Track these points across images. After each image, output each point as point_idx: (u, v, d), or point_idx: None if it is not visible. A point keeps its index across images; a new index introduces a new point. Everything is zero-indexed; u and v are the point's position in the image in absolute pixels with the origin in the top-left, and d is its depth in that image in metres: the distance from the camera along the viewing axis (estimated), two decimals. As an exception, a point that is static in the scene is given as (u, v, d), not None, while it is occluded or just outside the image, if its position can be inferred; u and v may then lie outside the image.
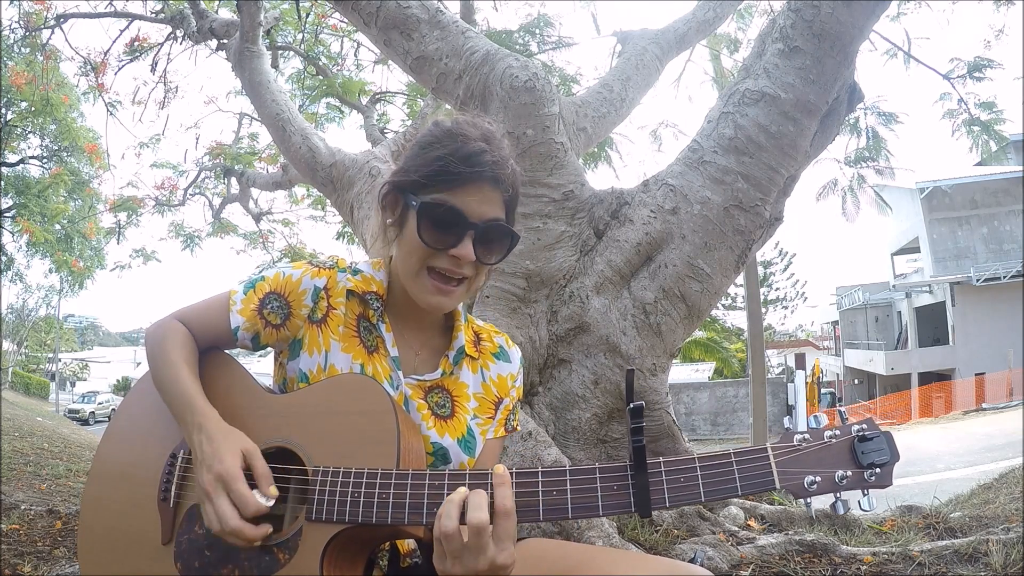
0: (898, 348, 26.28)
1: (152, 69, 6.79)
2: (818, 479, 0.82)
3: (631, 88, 3.93)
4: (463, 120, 1.06)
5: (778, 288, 35.12)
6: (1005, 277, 20.83)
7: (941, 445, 12.38)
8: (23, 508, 3.35)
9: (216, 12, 5.99)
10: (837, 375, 31.28)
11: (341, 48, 7.69)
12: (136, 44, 6.85)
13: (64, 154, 13.53)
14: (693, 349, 24.12)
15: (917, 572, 2.19)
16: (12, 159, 13.70)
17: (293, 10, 6.35)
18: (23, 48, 8.15)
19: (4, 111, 12.20)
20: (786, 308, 35.88)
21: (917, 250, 24.92)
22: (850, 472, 0.82)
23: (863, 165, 6.47)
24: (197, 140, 9.01)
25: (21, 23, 7.39)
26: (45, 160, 14.15)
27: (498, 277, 2.66)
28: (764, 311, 24.47)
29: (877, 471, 0.82)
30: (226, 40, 5.24)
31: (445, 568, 0.83)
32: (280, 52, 6.72)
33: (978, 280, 21.24)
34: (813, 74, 2.47)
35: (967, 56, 5.43)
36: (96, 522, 1.06)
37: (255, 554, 0.92)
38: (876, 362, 25.57)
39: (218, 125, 52.81)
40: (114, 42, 6.67)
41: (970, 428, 14.71)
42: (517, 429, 1.20)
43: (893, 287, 26.74)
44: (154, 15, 6.26)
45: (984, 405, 18.53)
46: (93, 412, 27.71)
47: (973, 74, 5.31)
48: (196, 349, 1.10)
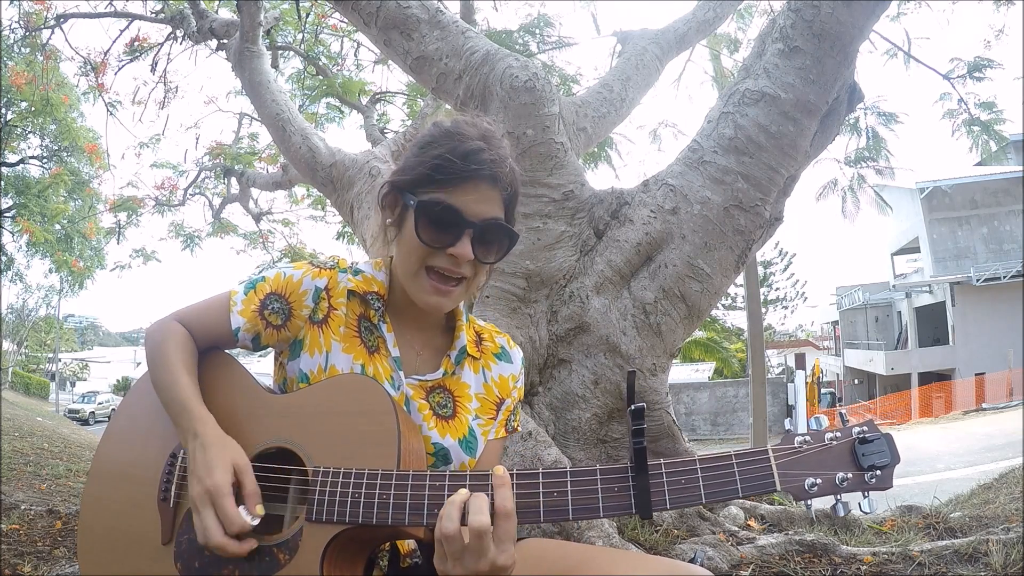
0: (898, 348, 26.28)
1: (152, 69, 6.79)
2: (819, 481, 0.82)
3: (631, 88, 3.93)
4: (462, 120, 1.06)
5: (778, 288, 35.13)
6: (1005, 277, 20.84)
7: (941, 445, 12.37)
8: (23, 508, 3.35)
9: (216, 12, 5.99)
10: (837, 375, 31.27)
11: (341, 48, 7.70)
12: (136, 44, 6.85)
13: (64, 154, 13.53)
14: (693, 349, 24.12)
15: (917, 572, 2.19)
16: (12, 159, 13.69)
17: (293, 10, 6.34)
18: (23, 48, 8.14)
19: (4, 111, 12.20)
20: (786, 308, 35.89)
21: (917, 250, 24.92)
22: (851, 474, 0.82)
23: (863, 165, 6.46)
24: (197, 140, 9.03)
25: (21, 23, 7.39)
26: (45, 160, 14.15)
27: (498, 277, 2.65)
28: (764, 311, 24.46)
29: (878, 473, 0.82)
30: (226, 40, 5.24)
31: (446, 569, 0.83)
32: (280, 52, 6.72)
33: (978, 280, 21.24)
34: (813, 74, 2.47)
35: (967, 56, 5.43)
36: (96, 522, 1.06)
37: (255, 554, 0.92)
38: (876, 362, 25.57)
39: (218, 125, 52.89)
40: (114, 42, 6.68)
41: (970, 428, 14.71)
42: (518, 430, 1.20)
43: (893, 287, 26.74)
44: (154, 15, 6.26)
45: (984, 405, 18.52)
46: (93, 412, 27.71)
47: (973, 74, 5.30)
48: (195, 351, 1.09)
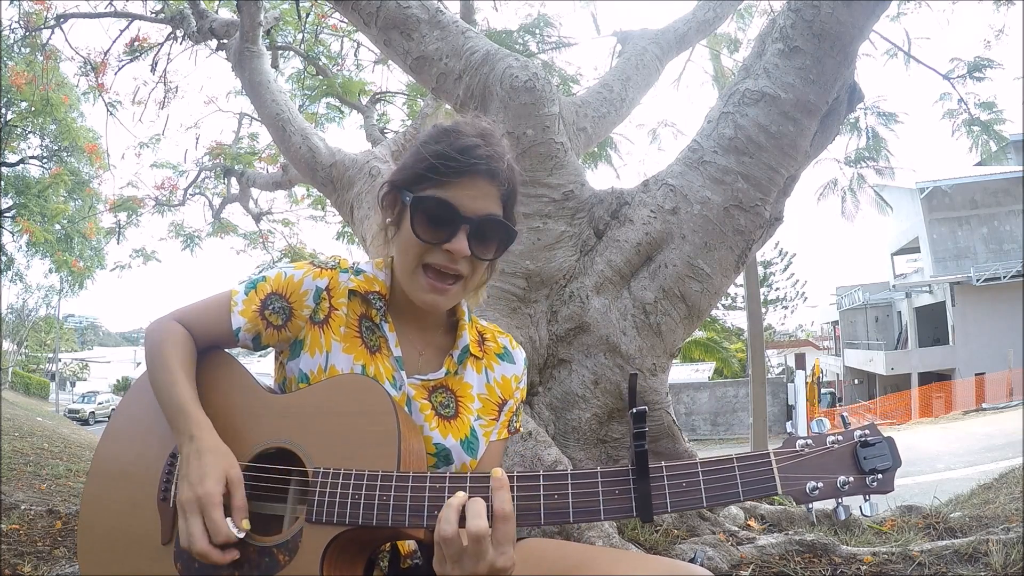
0: (898, 348, 26.28)
1: (152, 69, 6.78)
2: (820, 485, 0.82)
3: (631, 88, 3.93)
4: (461, 120, 1.06)
5: (778, 288, 35.11)
6: (1005, 277, 20.84)
7: (941, 445, 12.37)
8: (23, 508, 3.35)
9: (216, 12, 5.98)
10: (837, 375, 31.28)
11: (341, 48, 7.69)
12: (136, 44, 6.84)
13: (64, 154, 13.52)
14: (693, 349, 24.12)
15: (917, 572, 2.19)
16: (12, 159, 13.69)
17: (293, 10, 6.34)
18: (23, 48, 8.13)
19: (4, 111, 12.19)
20: (786, 308, 35.87)
21: (917, 250, 24.92)
22: (852, 478, 0.82)
23: (863, 165, 6.46)
24: (197, 140, 9.01)
25: (21, 23, 7.38)
26: (45, 160, 14.14)
27: (498, 277, 2.65)
28: (764, 311, 24.46)
29: (879, 477, 0.82)
30: (226, 40, 5.24)
31: (445, 571, 0.83)
32: (280, 52, 6.71)
33: (978, 280, 21.24)
34: (813, 74, 2.47)
35: (967, 56, 5.43)
36: (96, 521, 1.06)
37: (255, 555, 0.92)
38: (876, 362, 25.57)
39: (218, 125, 52.84)
40: (114, 42, 6.66)
41: (970, 428, 14.71)
42: (520, 430, 1.20)
43: (893, 287, 26.74)
44: (154, 15, 6.26)
45: (984, 405, 18.52)
46: (93, 412, 27.72)
47: (973, 74, 5.30)
48: (195, 351, 1.09)
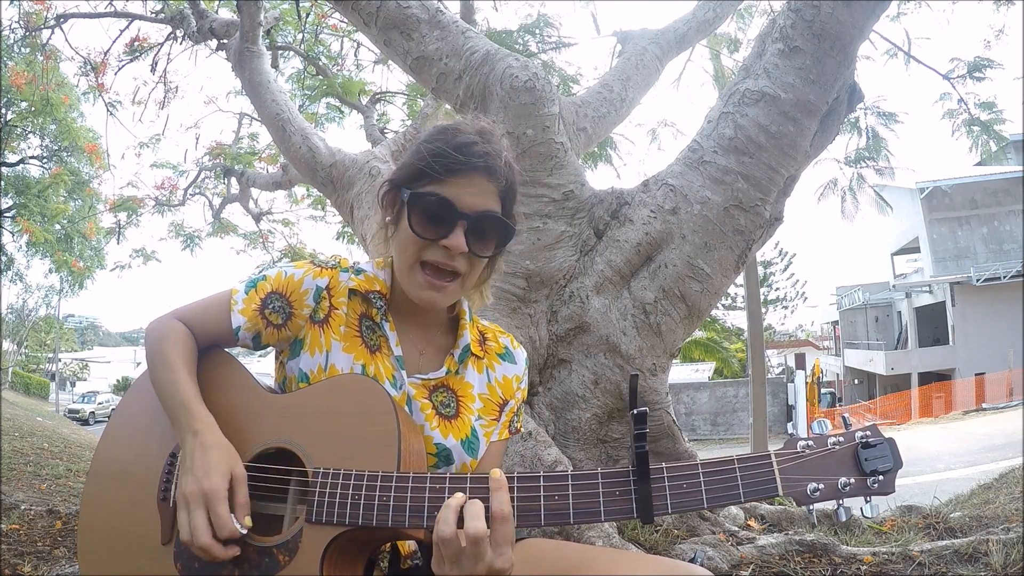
0: (898, 348, 26.28)
1: (152, 69, 6.78)
2: (821, 486, 0.81)
3: (631, 88, 3.93)
4: (461, 120, 1.07)
5: (778, 288, 35.10)
6: (1005, 277, 20.83)
7: (941, 445, 12.37)
8: (23, 508, 3.35)
9: (216, 12, 5.98)
10: (837, 375, 31.27)
11: (341, 48, 7.69)
12: (136, 44, 6.84)
13: (64, 154, 13.52)
14: (693, 349, 24.12)
15: (917, 572, 2.19)
16: (12, 159, 13.69)
17: (293, 10, 6.34)
18: (23, 48, 8.13)
19: (4, 111, 12.19)
20: (786, 308, 35.85)
21: (917, 250, 24.92)
22: (853, 479, 0.81)
23: (863, 165, 6.46)
24: (197, 140, 9.00)
25: (21, 23, 7.38)
26: (45, 160, 14.14)
27: (498, 277, 2.65)
28: (764, 311, 24.45)
29: (880, 478, 0.81)
30: (226, 40, 5.24)
31: (443, 572, 0.83)
32: (280, 52, 6.71)
33: (978, 280, 21.24)
34: (813, 74, 2.47)
35: (967, 56, 5.43)
36: (96, 521, 1.06)
37: (255, 555, 0.92)
38: (876, 362, 25.56)
39: (218, 125, 52.74)
40: (114, 42, 6.66)
41: (970, 428, 14.71)
42: (520, 431, 1.20)
43: (893, 287, 26.73)
44: (154, 15, 6.25)
45: (984, 405, 18.53)
46: (93, 412, 27.73)
47: (973, 74, 5.30)
48: (195, 349, 1.09)
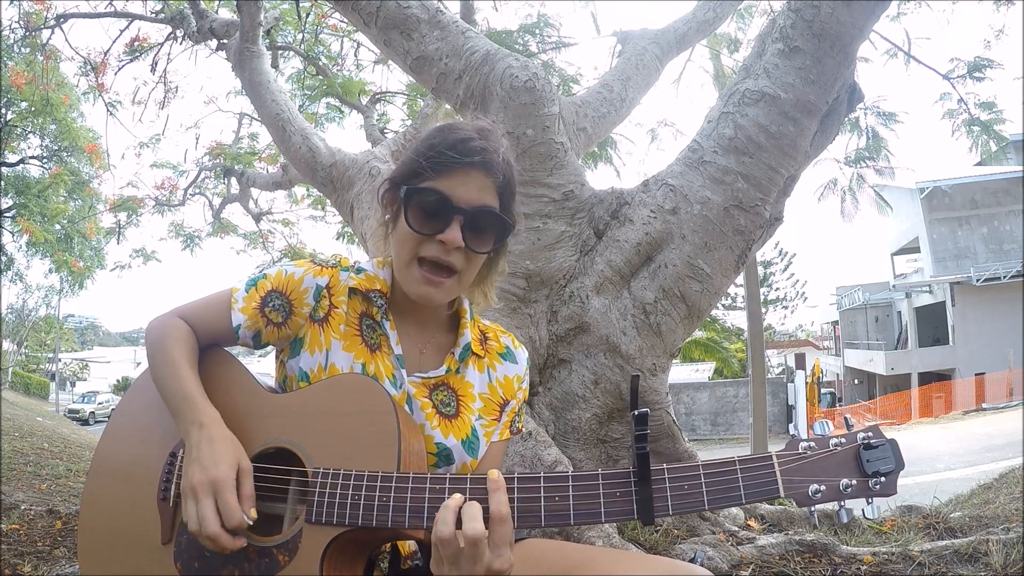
0: (898, 348, 26.27)
1: (152, 69, 6.78)
2: (822, 488, 0.81)
3: (631, 88, 3.93)
4: (460, 119, 1.07)
5: (778, 288, 35.08)
6: (1005, 277, 20.83)
7: (941, 445, 12.37)
8: (23, 508, 3.35)
9: (216, 12, 5.98)
10: (837, 375, 31.27)
11: (341, 48, 7.68)
12: (136, 44, 6.84)
13: (64, 154, 13.52)
14: (693, 349, 24.11)
15: (917, 572, 2.19)
16: (12, 159, 13.69)
17: (293, 10, 6.34)
18: (23, 48, 8.14)
19: (4, 111, 12.19)
20: (786, 308, 35.84)
21: (917, 250, 24.91)
22: (855, 481, 0.81)
23: (863, 165, 6.46)
24: (197, 140, 8.98)
25: (21, 23, 7.38)
26: (45, 160, 14.14)
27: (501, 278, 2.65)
28: (764, 311, 24.45)
29: (882, 480, 0.81)
30: (226, 40, 5.24)
31: (442, 572, 0.83)
32: (280, 52, 6.71)
33: (978, 280, 21.24)
34: (813, 74, 2.47)
35: (967, 56, 5.44)
36: (96, 521, 1.06)
37: (255, 555, 0.92)
38: (876, 362, 25.56)
39: (218, 125, 52.65)
40: (114, 42, 6.66)
41: (970, 428, 14.71)
42: (522, 431, 1.20)
43: (893, 287, 26.73)
44: (154, 15, 6.25)
45: (984, 405, 18.53)
46: (93, 412, 27.73)
47: (973, 74, 5.30)
48: (197, 346, 1.09)
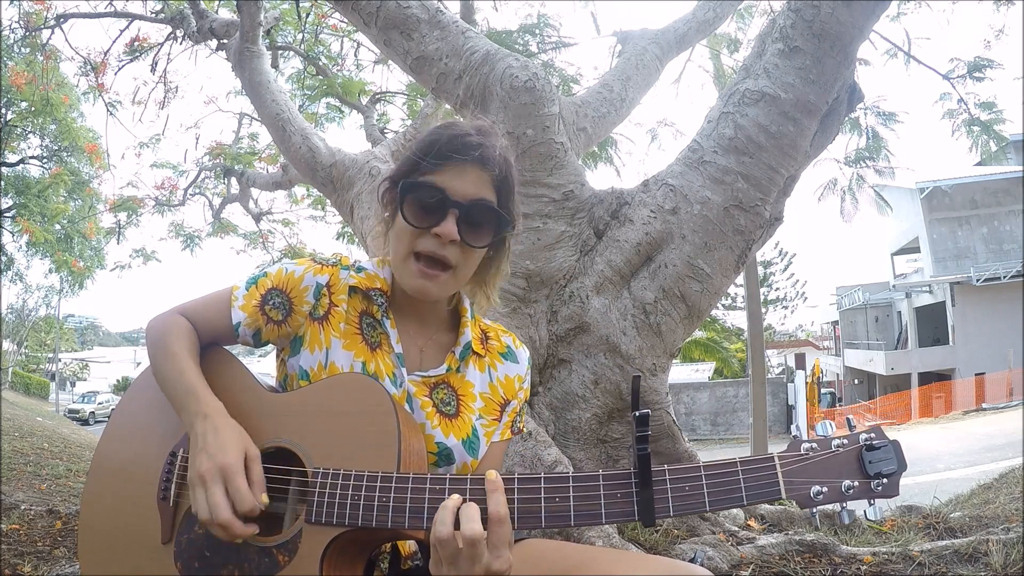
0: (898, 348, 26.27)
1: (152, 69, 6.78)
2: (824, 489, 0.80)
3: (631, 88, 3.93)
4: (460, 119, 1.07)
5: (778, 288, 35.07)
6: (1005, 277, 20.82)
7: (941, 445, 12.37)
8: (23, 508, 3.35)
9: (216, 12, 5.98)
10: (837, 375, 31.27)
11: (341, 48, 7.68)
12: (136, 44, 6.84)
13: (64, 154, 13.52)
14: (693, 349, 24.09)
15: (917, 572, 2.19)
16: (12, 159, 13.69)
17: (293, 10, 6.34)
18: (23, 48, 8.14)
19: (4, 111, 12.19)
20: (786, 308, 35.82)
21: (917, 250, 24.91)
22: (857, 482, 0.80)
23: (863, 165, 6.46)
24: (197, 140, 8.98)
25: (21, 23, 7.38)
26: (45, 160, 14.14)
27: (504, 280, 2.65)
28: (764, 311, 24.44)
29: (884, 481, 0.80)
30: (226, 40, 5.24)
31: (441, 573, 0.83)
32: (280, 52, 6.71)
33: (978, 280, 21.23)
34: (813, 74, 2.47)
35: (967, 56, 5.44)
36: (96, 520, 1.06)
37: (255, 555, 0.92)
38: (876, 362, 25.56)
39: (218, 125, 52.62)
40: (114, 42, 6.66)
41: (970, 428, 14.71)
42: (523, 431, 1.19)
43: (893, 287, 26.73)
44: (154, 15, 6.25)
45: (984, 405, 18.52)
46: (93, 412, 27.72)
47: (973, 74, 5.30)
48: (198, 342, 1.09)
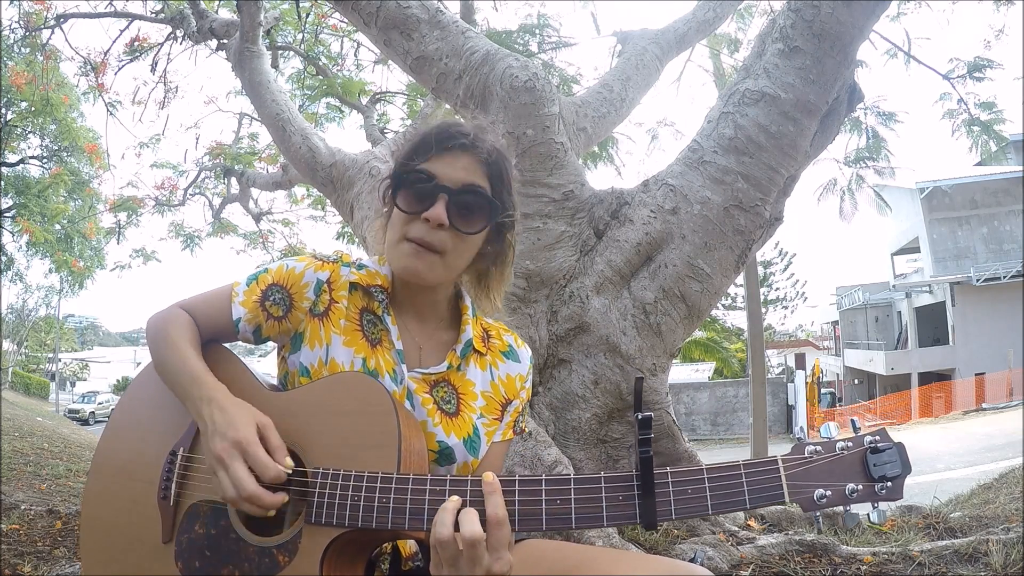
0: (898, 348, 26.26)
1: (152, 69, 6.78)
2: (828, 493, 0.79)
3: (631, 88, 3.93)
4: (459, 118, 1.07)
5: (778, 288, 35.07)
6: (1005, 277, 20.82)
7: (941, 445, 12.37)
8: (23, 508, 3.35)
9: (216, 12, 5.98)
10: (837, 375, 31.25)
11: (341, 48, 7.68)
12: (136, 44, 6.83)
13: (64, 154, 13.51)
14: (693, 349, 24.09)
15: (917, 572, 2.19)
16: (12, 159, 13.68)
17: (293, 10, 6.34)
18: (23, 48, 8.14)
19: (4, 111, 12.19)
20: (786, 308, 35.82)
21: (917, 250, 24.90)
22: (861, 485, 0.79)
23: (863, 165, 6.46)
24: (197, 140, 8.96)
25: (21, 23, 7.38)
26: (45, 160, 14.13)
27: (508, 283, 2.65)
28: (764, 311, 24.42)
29: (888, 484, 0.79)
30: (226, 40, 5.23)
31: (442, 574, 0.83)
32: (280, 52, 6.71)
33: (978, 280, 21.23)
34: (813, 74, 2.47)
35: (967, 56, 5.44)
36: (97, 519, 1.06)
37: (255, 555, 0.92)
38: (876, 362, 25.55)
39: (218, 125, 52.54)
40: (114, 42, 6.65)
41: (970, 428, 14.71)
42: (525, 431, 1.19)
43: (893, 287, 26.72)
44: (154, 15, 6.25)
45: (984, 405, 18.52)
46: (93, 412, 27.73)
47: (973, 74, 5.31)
48: (199, 336, 1.09)
